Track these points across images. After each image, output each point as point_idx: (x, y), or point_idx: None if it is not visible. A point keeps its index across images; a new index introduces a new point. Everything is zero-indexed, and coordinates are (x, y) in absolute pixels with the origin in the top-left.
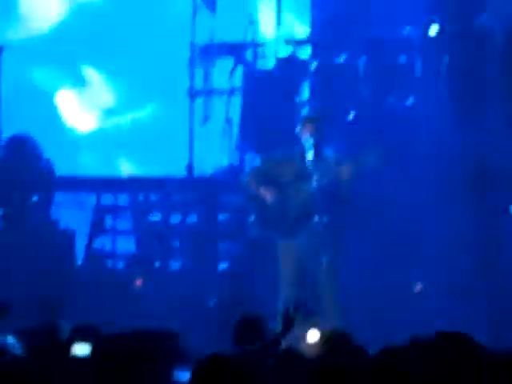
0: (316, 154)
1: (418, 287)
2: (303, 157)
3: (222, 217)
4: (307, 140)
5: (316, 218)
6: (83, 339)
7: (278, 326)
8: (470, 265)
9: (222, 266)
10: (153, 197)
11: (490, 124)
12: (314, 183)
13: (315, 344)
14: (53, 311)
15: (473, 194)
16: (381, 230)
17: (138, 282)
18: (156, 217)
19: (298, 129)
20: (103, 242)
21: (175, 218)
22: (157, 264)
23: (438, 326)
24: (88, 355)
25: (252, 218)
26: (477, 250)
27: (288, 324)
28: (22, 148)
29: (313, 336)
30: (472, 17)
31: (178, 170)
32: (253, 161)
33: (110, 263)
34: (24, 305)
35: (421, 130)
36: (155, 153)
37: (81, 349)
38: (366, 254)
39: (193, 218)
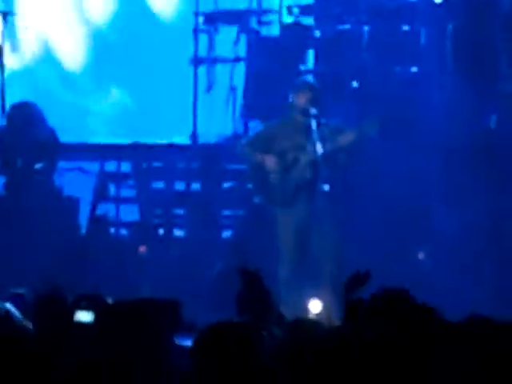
0: (315, 120)
1: (421, 255)
2: (301, 124)
3: (226, 185)
4: (304, 107)
5: (316, 187)
6: (86, 307)
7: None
8: (482, 245)
9: (226, 233)
10: (156, 164)
11: (495, 91)
12: (314, 151)
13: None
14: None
15: (482, 165)
16: (387, 204)
17: (142, 249)
18: (160, 184)
19: (291, 96)
20: (107, 209)
21: (179, 186)
22: (160, 231)
23: (446, 305)
24: (91, 322)
25: (251, 185)
26: (488, 230)
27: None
28: (26, 115)
29: (315, 306)
30: None
31: (182, 138)
32: (257, 128)
33: (113, 230)
34: (28, 271)
35: (425, 98)
36: (159, 121)
37: (84, 316)
38: (374, 230)
39: (196, 186)
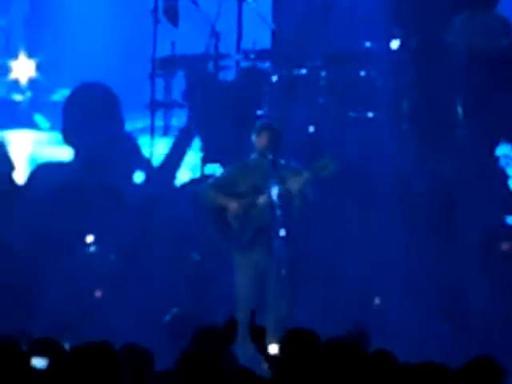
0: (272, 165)
1: (377, 301)
2: (259, 168)
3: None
4: (263, 149)
5: (274, 231)
6: (42, 353)
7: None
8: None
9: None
10: None
11: (451, 143)
12: (271, 194)
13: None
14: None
15: (438, 214)
16: (341, 254)
17: (98, 294)
18: None
19: (253, 137)
20: None
21: None
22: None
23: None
24: (45, 368)
25: (210, 229)
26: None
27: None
28: None
29: (273, 350)
30: (434, 32)
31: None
32: (214, 172)
33: None
34: None
35: (381, 143)
36: None
37: (39, 362)
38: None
39: None
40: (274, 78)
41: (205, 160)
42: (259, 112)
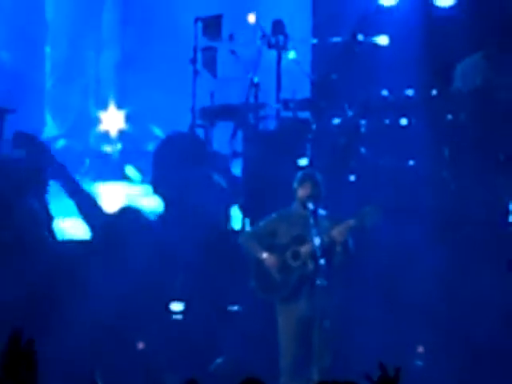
0: (313, 214)
1: (421, 349)
2: (301, 218)
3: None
4: (304, 199)
5: (317, 281)
6: None
7: None
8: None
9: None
10: None
11: (492, 189)
12: (313, 244)
13: None
14: None
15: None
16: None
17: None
18: None
19: (294, 187)
20: None
21: None
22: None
23: None
24: None
25: (252, 282)
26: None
27: None
28: None
29: None
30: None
31: None
32: (255, 223)
33: None
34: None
35: (424, 191)
36: None
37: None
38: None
39: None
40: (314, 127)
41: (246, 211)
42: (300, 161)
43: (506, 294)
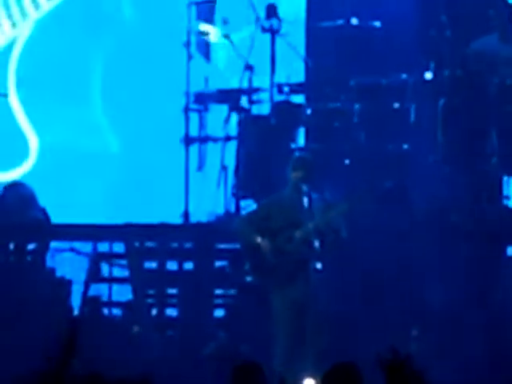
0: (307, 198)
1: (415, 332)
2: (294, 201)
3: (218, 264)
4: (298, 183)
5: (311, 265)
6: None
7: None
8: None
9: (218, 312)
10: (149, 244)
11: (486, 173)
12: (307, 228)
13: None
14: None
15: (467, 246)
16: (378, 283)
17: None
18: (152, 264)
19: (287, 171)
20: (100, 290)
21: (171, 265)
22: (153, 311)
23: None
24: None
25: (247, 265)
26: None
27: None
28: (18, 195)
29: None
30: (465, 64)
31: (173, 217)
32: (249, 208)
33: (106, 311)
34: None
35: (417, 175)
36: (151, 200)
37: None
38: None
39: (189, 265)
40: (308, 111)
41: (240, 195)
42: (294, 145)
43: (497, 276)
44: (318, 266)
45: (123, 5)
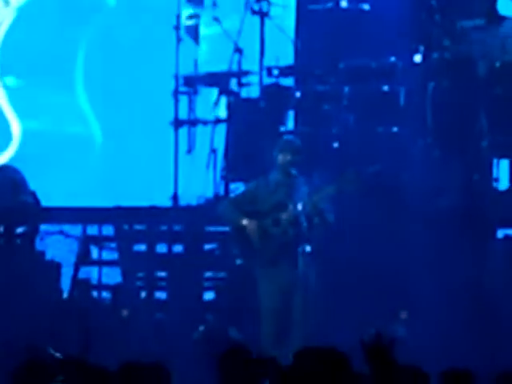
0: (295, 181)
1: (404, 315)
2: (281, 184)
3: (207, 246)
4: (285, 166)
5: (298, 248)
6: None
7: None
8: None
9: (208, 295)
10: (138, 227)
11: (476, 155)
12: (294, 210)
13: None
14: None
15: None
16: (366, 267)
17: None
18: (142, 247)
19: (275, 154)
20: (89, 272)
21: (161, 248)
22: (143, 294)
23: None
24: None
25: (233, 249)
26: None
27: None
28: (7, 179)
29: None
30: (454, 46)
31: (163, 200)
32: (238, 190)
33: (95, 293)
34: (10, 339)
35: (407, 158)
36: (141, 183)
37: None
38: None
39: (178, 248)
40: (298, 94)
41: (229, 177)
42: (283, 128)
43: (486, 260)
44: (308, 248)
45: None
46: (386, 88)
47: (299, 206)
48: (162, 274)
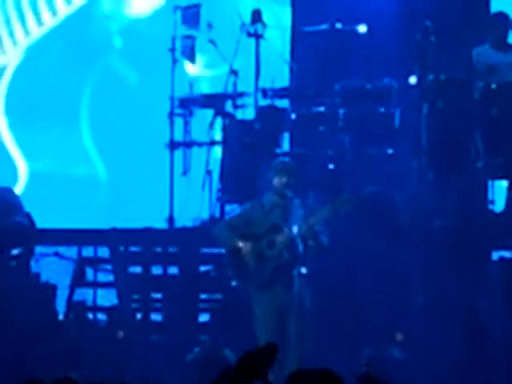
0: (289, 203)
1: (399, 337)
2: (277, 207)
3: (203, 268)
4: (280, 188)
5: (294, 270)
6: None
7: None
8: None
9: (204, 317)
10: (134, 249)
11: (472, 177)
12: (290, 233)
13: None
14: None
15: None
16: (364, 291)
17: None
18: (137, 269)
19: (270, 176)
20: (84, 294)
21: (156, 270)
22: (138, 316)
23: None
24: None
25: (229, 271)
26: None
27: None
28: (2, 200)
29: None
30: (449, 69)
31: (158, 221)
32: (233, 212)
33: (91, 315)
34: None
35: (401, 179)
36: (136, 205)
37: None
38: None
39: (174, 270)
40: (293, 116)
41: (224, 199)
42: (278, 150)
43: (481, 282)
44: (303, 270)
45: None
46: (381, 109)
47: (294, 229)
48: (158, 295)
